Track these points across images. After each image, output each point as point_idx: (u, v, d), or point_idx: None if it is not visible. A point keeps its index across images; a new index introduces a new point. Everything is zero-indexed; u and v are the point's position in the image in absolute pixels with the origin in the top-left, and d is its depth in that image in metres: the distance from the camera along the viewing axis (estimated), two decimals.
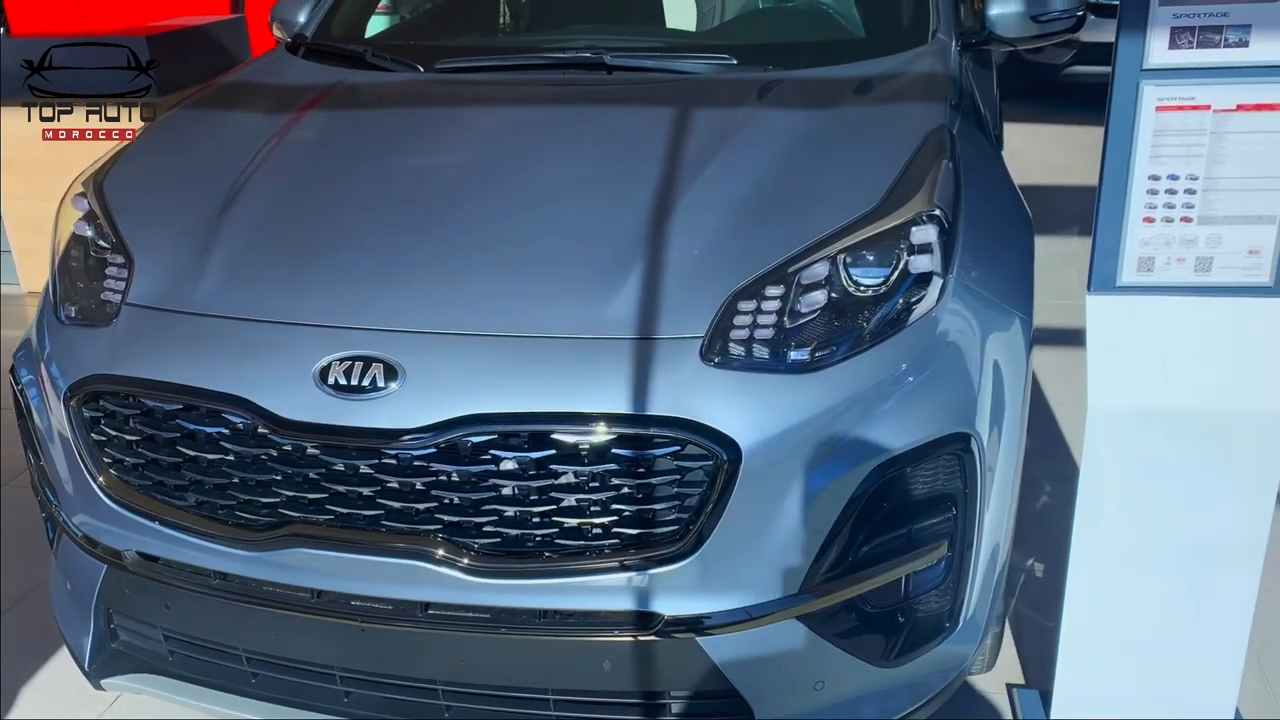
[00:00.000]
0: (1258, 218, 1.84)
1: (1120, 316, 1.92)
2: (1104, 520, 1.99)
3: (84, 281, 2.04)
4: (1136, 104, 1.80)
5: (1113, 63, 1.81)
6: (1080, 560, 2.03)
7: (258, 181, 2.07)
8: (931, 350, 1.74)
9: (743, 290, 1.73)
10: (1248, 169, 1.81)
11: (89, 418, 1.86)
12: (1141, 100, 1.80)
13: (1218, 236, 1.86)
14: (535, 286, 1.77)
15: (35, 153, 4.55)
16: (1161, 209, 1.86)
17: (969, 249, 1.86)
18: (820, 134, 2.06)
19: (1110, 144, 1.84)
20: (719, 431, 1.61)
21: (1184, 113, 1.80)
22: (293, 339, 1.75)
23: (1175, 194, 1.85)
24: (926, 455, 1.70)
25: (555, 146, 2.14)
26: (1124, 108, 1.81)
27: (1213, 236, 1.86)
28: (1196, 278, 1.89)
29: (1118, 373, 1.93)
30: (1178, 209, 1.85)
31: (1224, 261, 1.87)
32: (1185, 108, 1.80)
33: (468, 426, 1.63)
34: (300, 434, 1.68)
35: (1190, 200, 1.84)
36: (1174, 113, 1.80)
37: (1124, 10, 1.76)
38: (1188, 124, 1.80)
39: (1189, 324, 1.91)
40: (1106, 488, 1.98)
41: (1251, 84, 1.77)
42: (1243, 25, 1.74)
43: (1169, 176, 1.84)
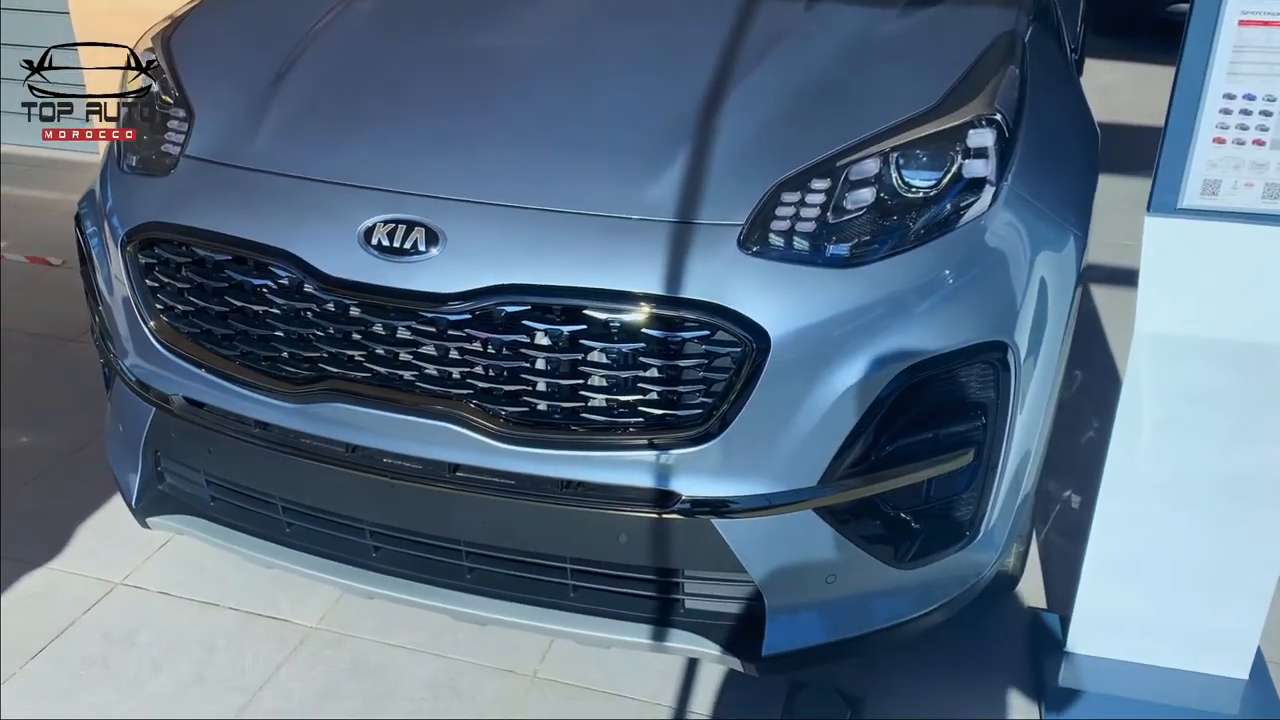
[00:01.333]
0: None
1: (1178, 241, 1.86)
2: (1139, 448, 1.96)
3: (147, 133, 2.09)
4: (1218, 16, 1.73)
5: None
6: (1111, 486, 2.01)
7: (316, 46, 2.09)
8: (976, 256, 1.72)
9: (787, 181, 1.71)
10: None
11: (144, 264, 1.92)
12: (1224, 12, 1.72)
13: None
14: (580, 163, 1.78)
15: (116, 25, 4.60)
16: (1234, 130, 1.79)
17: (1027, 159, 1.82)
18: (886, 32, 2.01)
19: (1186, 58, 1.77)
20: (750, 319, 1.61)
21: (1269, 29, 1.72)
22: (340, 199, 1.77)
23: (1250, 115, 1.77)
24: (960, 361, 1.69)
25: (613, 28, 2.12)
26: (1204, 20, 1.74)
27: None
28: (1264, 205, 1.82)
29: (1169, 299, 1.88)
30: (1251, 130, 1.78)
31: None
32: (1271, 23, 1.72)
33: (503, 295, 1.65)
34: (342, 291, 1.72)
35: (1265, 122, 1.77)
36: (1258, 28, 1.73)
37: None
38: (1271, 40, 1.73)
39: (1250, 253, 1.85)
40: (1145, 415, 1.95)
41: None
42: None
43: (1245, 96, 1.77)
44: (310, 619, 2.31)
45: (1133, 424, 1.96)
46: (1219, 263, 1.86)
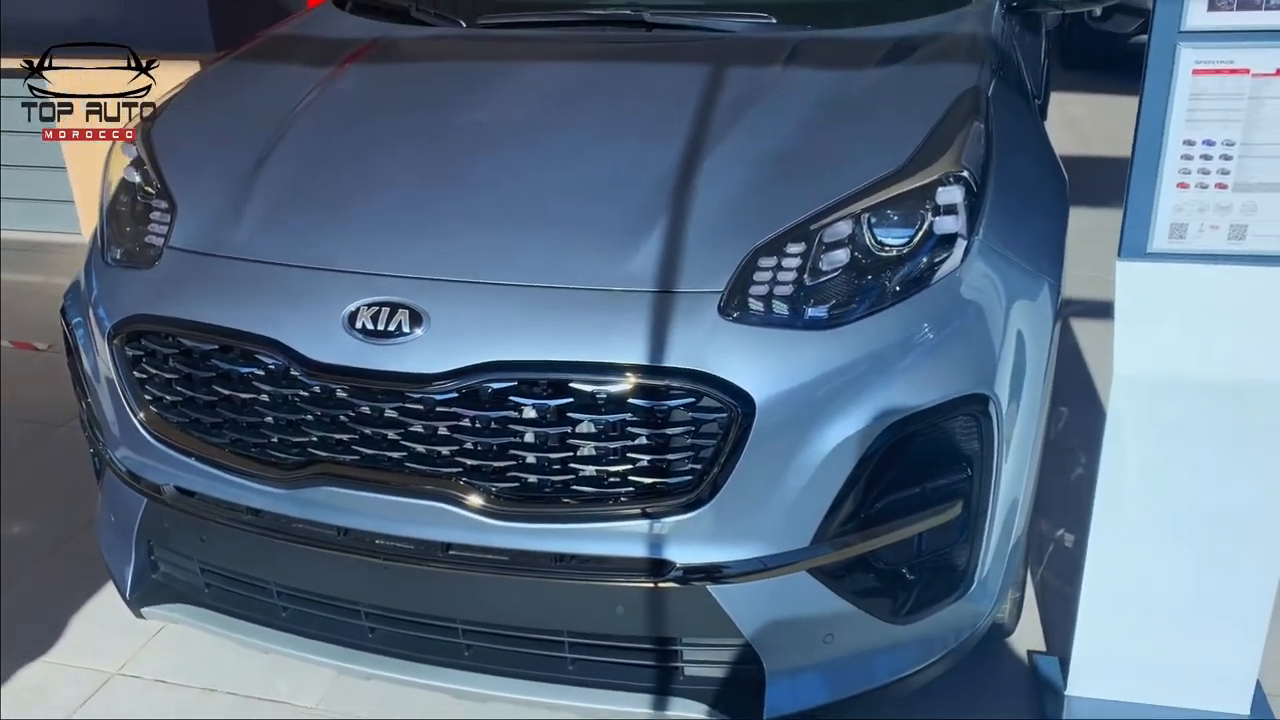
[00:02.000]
0: None
1: (1150, 284, 1.90)
2: (1126, 488, 1.98)
3: (130, 225, 2.11)
4: (1173, 67, 1.78)
5: (1150, 24, 1.78)
6: (1101, 528, 2.02)
7: (296, 132, 2.12)
8: (953, 310, 1.74)
9: (764, 246, 1.74)
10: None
11: (131, 356, 1.93)
12: (1179, 63, 1.77)
13: (1253, 204, 1.83)
14: (559, 237, 1.80)
15: None
16: (1196, 174, 1.83)
17: (997, 211, 1.85)
18: (852, 93, 2.05)
19: (1145, 107, 1.81)
20: (733, 384, 1.63)
21: (1221, 76, 1.77)
22: (323, 284, 1.80)
23: (1210, 159, 1.82)
24: (943, 415, 1.71)
25: (589, 104, 2.16)
26: (1160, 70, 1.79)
27: (1248, 204, 1.83)
28: (1230, 246, 1.86)
29: (1145, 340, 1.91)
30: (1212, 175, 1.83)
31: (1259, 229, 1.84)
32: (1223, 71, 1.77)
33: (489, 373, 1.67)
34: (328, 376, 1.73)
35: (1226, 166, 1.82)
36: (1211, 76, 1.77)
37: None
38: (1225, 88, 1.77)
39: (1220, 293, 1.88)
40: (1129, 456, 1.97)
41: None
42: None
43: (1204, 142, 1.81)
44: (309, 700, 2.29)
45: (1118, 465, 1.98)
46: (1191, 303, 1.90)
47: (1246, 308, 1.88)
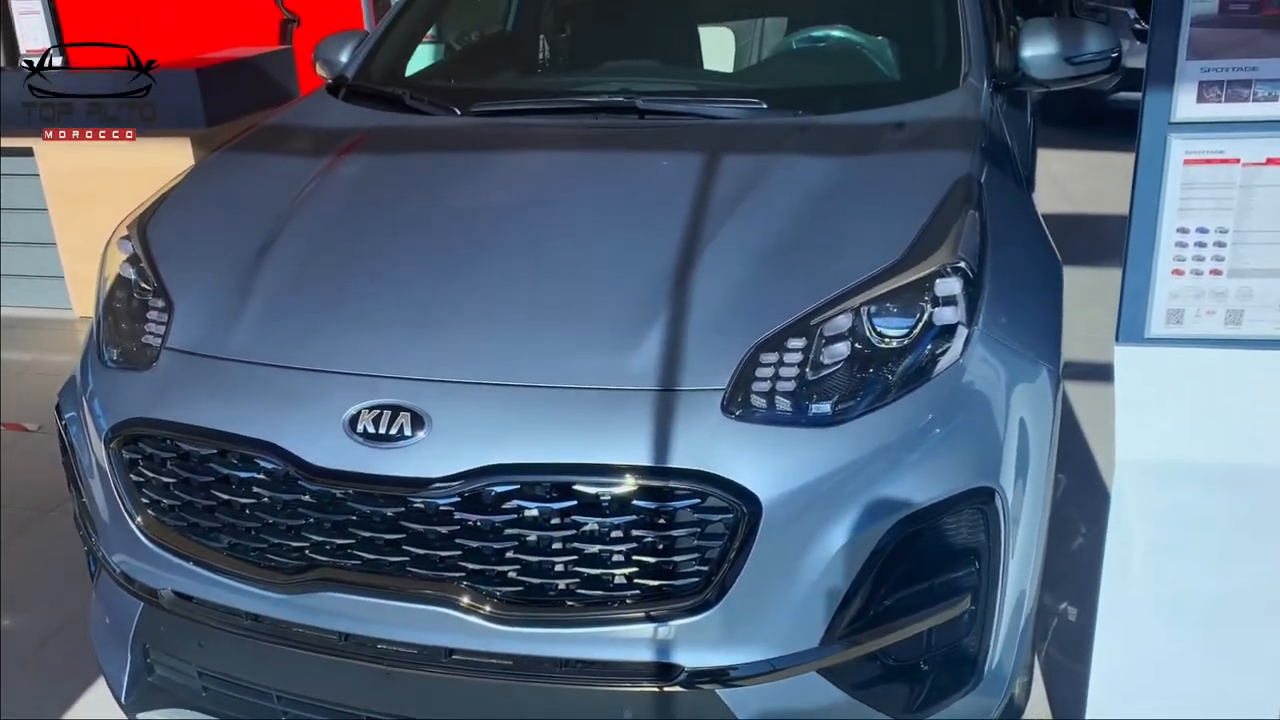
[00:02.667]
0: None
1: (1149, 368, 1.91)
2: (1132, 573, 1.98)
3: (127, 323, 2.10)
4: (1164, 157, 1.80)
5: (1140, 115, 1.81)
6: (1109, 611, 2.01)
7: (292, 229, 2.12)
8: (955, 403, 1.74)
9: (765, 342, 1.74)
10: (1278, 222, 1.80)
11: (128, 459, 1.91)
12: (1170, 153, 1.80)
13: (1248, 289, 1.84)
14: (560, 336, 1.80)
15: (86, 183, 4.68)
16: (1191, 261, 1.85)
17: (995, 300, 1.86)
18: (846, 183, 2.07)
19: (1138, 196, 1.83)
20: (739, 485, 1.62)
21: (1213, 166, 1.79)
22: (323, 386, 1.79)
23: (1205, 246, 1.84)
24: (949, 510, 1.70)
25: (585, 194, 2.17)
26: (1152, 160, 1.81)
27: (1243, 289, 1.84)
28: (1227, 330, 1.87)
29: (1146, 425, 1.92)
30: (1207, 261, 1.84)
31: (1255, 314, 1.85)
32: (1214, 161, 1.79)
33: (491, 476, 1.65)
34: (329, 480, 1.72)
35: (1220, 253, 1.83)
36: (1202, 166, 1.80)
37: (1151, 64, 1.76)
38: (1216, 177, 1.79)
39: (1219, 377, 1.89)
40: (1134, 540, 1.96)
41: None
42: (1272, 80, 1.73)
43: (1198, 229, 1.83)
44: None
45: (1123, 548, 1.98)
46: (1190, 388, 1.90)
47: (1246, 392, 1.89)
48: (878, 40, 2.84)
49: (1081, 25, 2.60)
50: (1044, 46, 2.53)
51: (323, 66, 3.06)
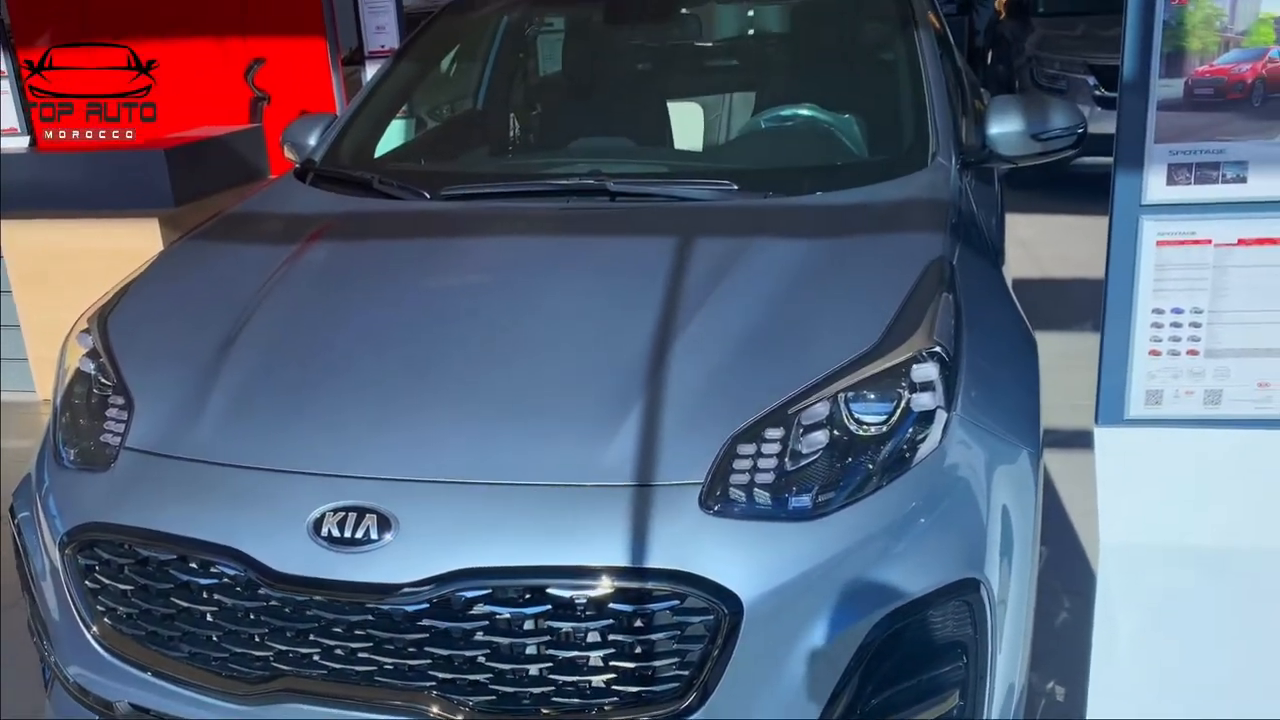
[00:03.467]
0: (1265, 350, 1.81)
1: (1129, 449, 1.89)
2: (1120, 657, 1.94)
3: (85, 421, 2.04)
4: (1137, 238, 1.80)
5: (1111, 197, 1.80)
6: (1099, 696, 1.96)
7: (257, 322, 2.07)
8: (937, 492, 1.71)
9: (742, 433, 1.71)
10: (1253, 302, 1.79)
11: (84, 565, 1.84)
12: (1142, 235, 1.79)
13: (1225, 369, 1.83)
14: (531, 431, 1.76)
15: (50, 264, 4.62)
16: (1167, 342, 1.83)
17: (972, 382, 1.84)
18: (819, 267, 2.05)
19: (1112, 277, 1.83)
20: (719, 585, 1.57)
21: (1185, 247, 1.79)
22: (286, 488, 1.73)
23: (1180, 327, 1.83)
24: (934, 603, 1.66)
25: (556, 281, 2.14)
26: (1124, 242, 1.81)
27: (1220, 369, 1.83)
28: (1206, 410, 1.86)
29: (1128, 508, 1.89)
30: (1183, 341, 1.83)
31: (1233, 394, 1.84)
32: (1186, 242, 1.79)
33: (462, 581, 1.60)
34: (292, 587, 1.65)
35: (1196, 333, 1.82)
36: (1175, 247, 1.79)
37: (1120, 147, 1.77)
38: (1189, 258, 1.79)
39: (1200, 457, 1.87)
40: (1121, 624, 1.93)
41: (1252, 219, 1.76)
42: (1239, 162, 1.74)
43: (1173, 310, 1.82)
44: None
45: (1110, 632, 1.94)
46: (1171, 469, 1.88)
47: (1227, 472, 1.87)
48: (845, 119, 2.85)
49: (1047, 101, 2.62)
50: (1011, 124, 2.55)
51: (290, 150, 3.04)
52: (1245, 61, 1.69)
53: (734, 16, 3.66)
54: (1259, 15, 1.68)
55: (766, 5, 3.57)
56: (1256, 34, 1.68)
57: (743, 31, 3.69)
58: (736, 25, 3.68)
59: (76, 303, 4.82)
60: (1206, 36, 1.69)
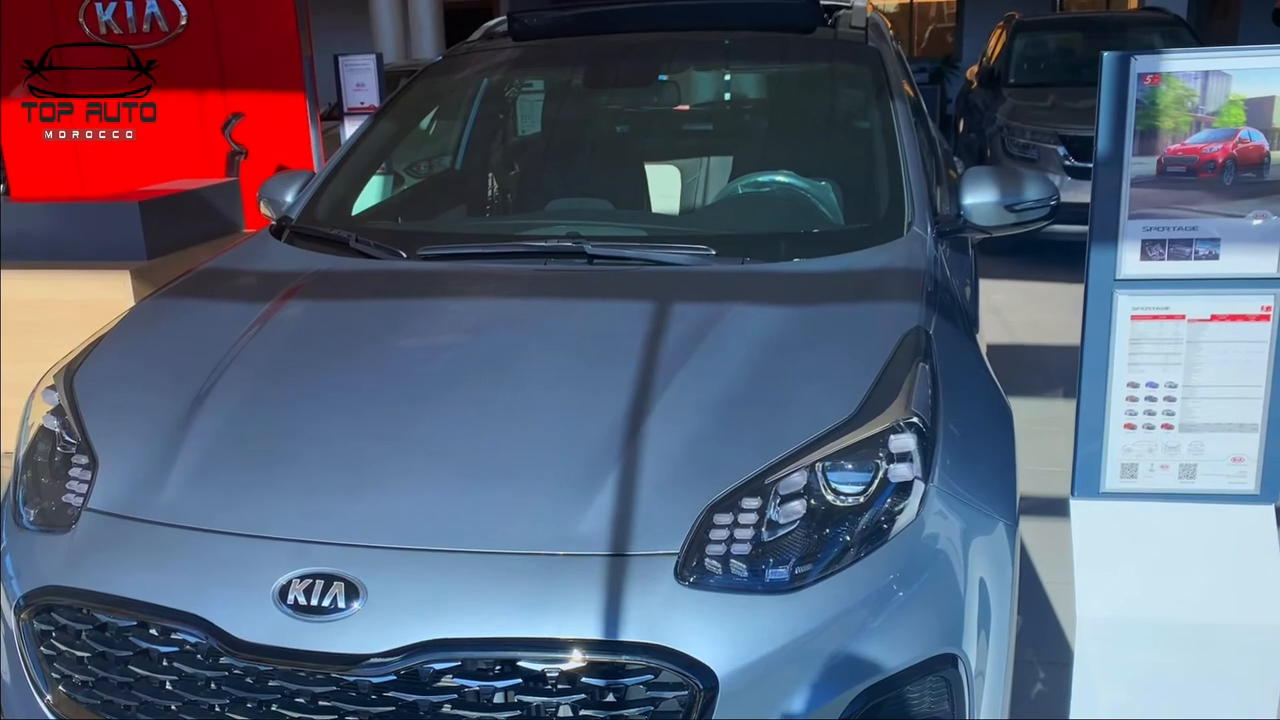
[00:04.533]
0: (1239, 425, 1.82)
1: (1106, 523, 1.89)
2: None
3: (48, 479, 1.99)
4: (1112, 312, 1.81)
5: (1086, 271, 1.82)
6: None
7: (226, 382, 2.04)
8: (914, 566, 1.69)
9: (718, 503, 1.69)
10: (1226, 377, 1.81)
11: (39, 630, 1.79)
12: (1116, 309, 1.81)
13: (1200, 444, 1.84)
14: (503, 497, 1.73)
15: (18, 315, 4.56)
16: (1142, 415, 1.84)
17: (949, 453, 1.83)
18: (796, 335, 2.05)
19: (1087, 351, 1.84)
20: (693, 659, 1.54)
21: (1159, 322, 1.80)
22: (252, 554, 1.69)
23: (1155, 401, 1.84)
24: (912, 679, 1.64)
25: (530, 343, 2.13)
26: (1099, 316, 1.82)
27: (1195, 444, 1.84)
28: (1181, 485, 1.86)
29: (1105, 582, 1.88)
30: (1158, 415, 1.84)
31: (1208, 469, 1.85)
32: (1160, 317, 1.80)
33: (431, 652, 1.56)
34: (256, 656, 1.61)
35: (1170, 407, 1.83)
36: (1149, 321, 1.81)
37: (1095, 222, 1.79)
38: (1164, 333, 1.81)
39: (1175, 531, 1.87)
40: (1100, 701, 1.90)
41: (1224, 294, 1.78)
42: (1211, 239, 1.76)
43: (1148, 384, 1.83)
44: None
45: (1089, 708, 1.92)
46: (1148, 543, 1.88)
47: (1203, 546, 1.87)
48: (821, 185, 2.88)
49: (1020, 174, 2.65)
50: (985, 194, 2.57)
51: (267, 206, 3.03)
52: (1216, 141, 1.73)
53: (712, 82, 3.71)
54: (1229, 97, 1.71)
55: (744, 73, 3.62)
56: (1226, 115, 1.71)
57: (720, 97, 3.73)
58: (714, 91, 3.73)
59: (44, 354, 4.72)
60: (1178, 116, 1.72)
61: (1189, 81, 1.71)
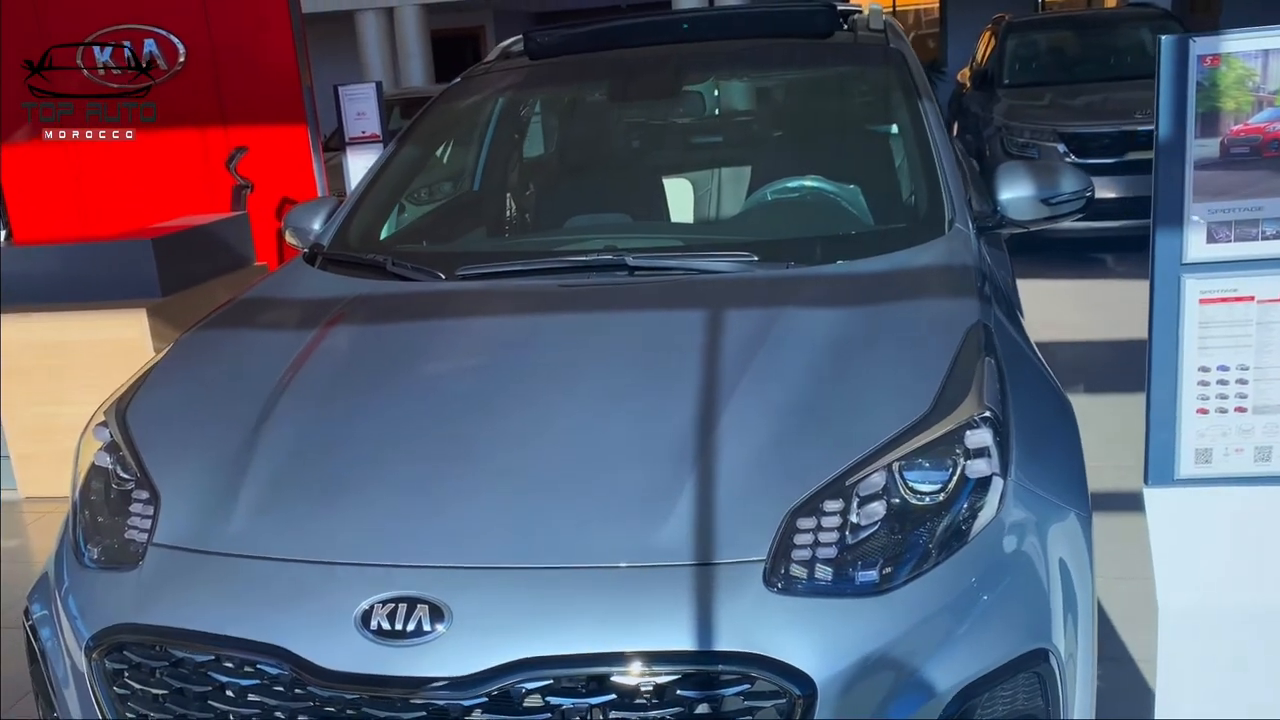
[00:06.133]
0: None
1: (1182, 510, 1.87)
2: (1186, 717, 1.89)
3: (105, 516, 1.96)
4: (1179, 298, 1.80)
5: (1151, 257, 1.81)
6: None
7: (283, 408, 2.01)
8: (999, 562, 1.67)
9: (800, 507, 1.67)
10: None
11: (112, 670, 1.75)
12: (1184, 294, 1.80)
13: (1275, 425, 1.82)
14: (581, 511, 1.71)
15: (32, 359, 4.53)
16: (1215, 399, 1.83)
17: (1021, 447, 1.81)
18: (857, 335, 2.03)
19: (1155, 337, 1.82)
20: (790, 666, 1.52)
21: (1228, 304, 1.79)
22: (330, 581, 1.66)
23: (1227, 384, 1.82)
24: (1006, 676, 1.61)
25: (585, 356, 2.11)
26: (1167, 301, 1.81)
27: (1270, 425, 1.83)
28: (1257, 467, 1.84)
29: (1185, 569, 1.86)
30: (1231, 399, 1.82)
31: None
32: (1229, 299, 1.79)
33: (521, 672, 1.53)
34: (341, 685, 1.58)
35: (1243, 390, 1.82)
36: (1218, 304, 1.79)
37: (1159, 207, 1.78)
38: (1233, 315, 1.79)
39: (1254, 515, 1.85)
40: (1185, 691, 1.88)
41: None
42: (1279, 218, 1.75)
43: (1219, 367, 1.82)
44: None
45: (1174, 698, 1.89)
46: (1226, 527, 1.86)
47: None
48: (850, 189, 2.87)
49: (1055, 167, 2.65)
50: (1021, 189, 2.57)
51: (294, 235, 3.01)
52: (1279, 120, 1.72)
53: (735, 92, 3.71)
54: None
55: (770, 80, 3.62)
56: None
57: (744, 107, 3.73)
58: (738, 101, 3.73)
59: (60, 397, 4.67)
60: (1240, 96, 1.72)
61: (1249, 61, 1.71)
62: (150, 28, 6.12)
